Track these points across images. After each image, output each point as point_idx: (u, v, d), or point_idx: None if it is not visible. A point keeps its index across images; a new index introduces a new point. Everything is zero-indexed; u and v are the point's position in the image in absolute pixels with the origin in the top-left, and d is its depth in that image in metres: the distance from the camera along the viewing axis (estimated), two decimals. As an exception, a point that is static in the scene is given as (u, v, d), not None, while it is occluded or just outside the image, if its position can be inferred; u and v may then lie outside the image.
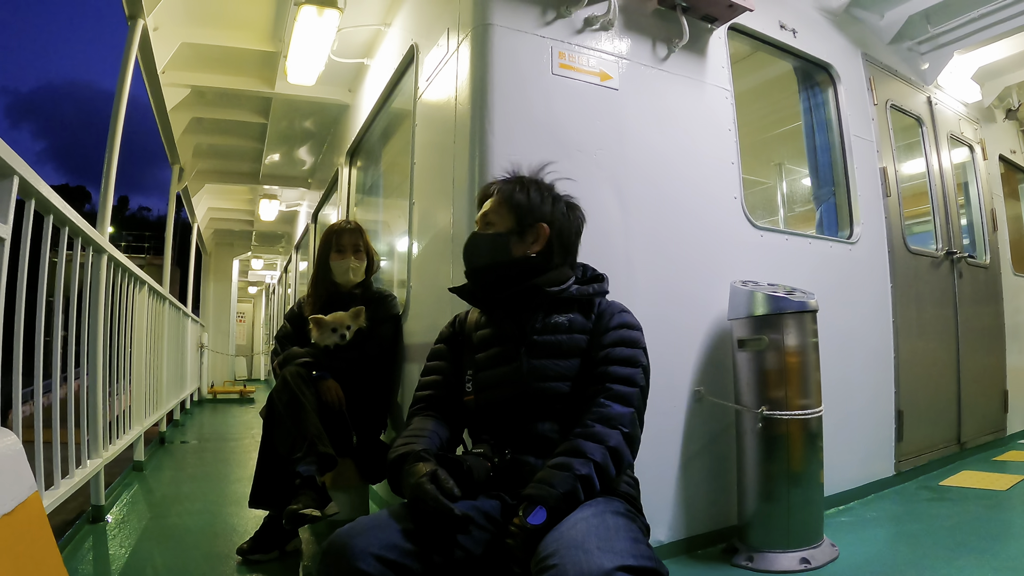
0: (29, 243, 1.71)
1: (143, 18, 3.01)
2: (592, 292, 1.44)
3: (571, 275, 1.47)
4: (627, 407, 1.27)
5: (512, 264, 1.42)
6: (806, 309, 2.03)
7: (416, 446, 1.28)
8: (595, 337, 1.38)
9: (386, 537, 1.08)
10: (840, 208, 2.88)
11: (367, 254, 2.45)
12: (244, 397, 8.88)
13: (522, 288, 1.40)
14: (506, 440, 1.36)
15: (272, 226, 8.66)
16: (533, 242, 1.44)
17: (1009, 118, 4.33)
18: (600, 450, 1.19)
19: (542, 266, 1.43)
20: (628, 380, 1.30)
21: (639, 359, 1.34)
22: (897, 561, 1.92)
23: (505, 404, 1.38)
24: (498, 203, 1.46)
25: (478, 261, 1.46)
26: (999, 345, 3.70)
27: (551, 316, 1.41)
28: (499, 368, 1.41)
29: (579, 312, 1.42)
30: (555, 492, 1.12)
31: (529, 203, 1.44)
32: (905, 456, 2.84)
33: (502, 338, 1.43)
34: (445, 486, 1.15)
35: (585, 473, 1.16)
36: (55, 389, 1.91)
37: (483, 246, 1.45)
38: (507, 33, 1.96)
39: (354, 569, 1.03)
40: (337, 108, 4.42)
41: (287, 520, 1.86)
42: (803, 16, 2.80)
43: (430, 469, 1.18)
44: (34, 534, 1.17)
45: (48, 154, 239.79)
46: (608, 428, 1.23)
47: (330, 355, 2.24)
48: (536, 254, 1.43)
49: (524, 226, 1.44)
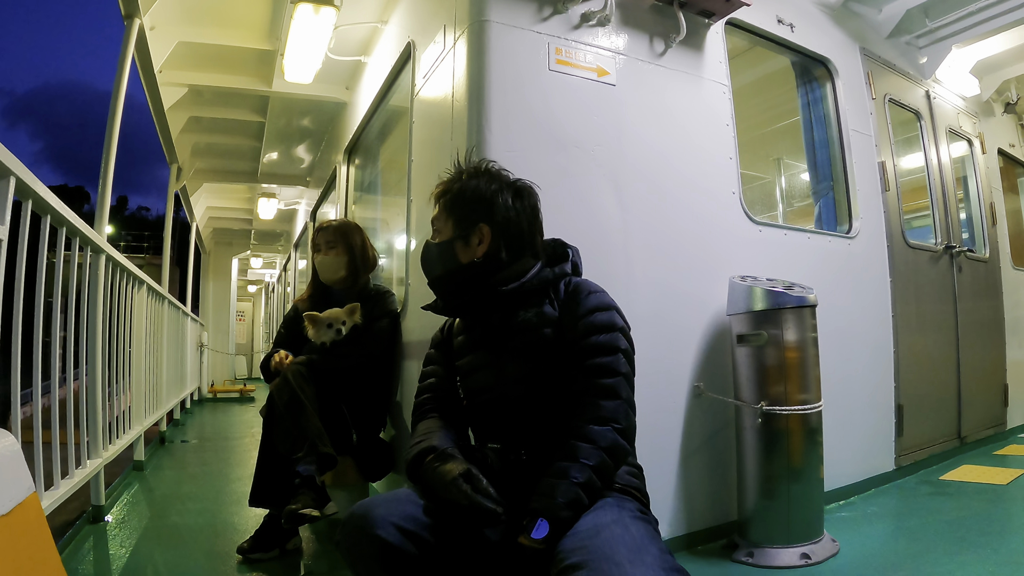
0: (27, 244, 1.70)
1: (139, 17, 3.00)
2: (552, 277, 1.38)
3: (534, 264, 1.40)
4: (614, 399, 1.24)
5: (461, 271, 1.38)
6: (805, 304, 2.02)
7: (434, 441, 1.27)
8: (567, 325, 1.32)
9: (406, 510, 1.14)
10: (839, 203, 2.87)
11: (348, 248, 2.43)
12: (244, 396, 8.88)
13: (478, 292, 1.37)
14: (511, 441, 1.36)
15: (271, 224, 8.65)
16: (478, 244, 1.39)
17: (1008, 112, 4.33)
18: (595, 452, 1.18)
19: (492, 267, 1.38)
20: (610, 370, 1.26)
21: (617, 343, 1.28)
22: (897, 556, 1.92)
23: (493, 408, 1.38)
24: (440, 210, 1.43)
25: (433, 270, 1.44)
26: (999, 339, 3.70)
27: (518, 314, 1.36)
28: (478, 374, 1.41)
29: (547, 302, 1.37)
30: (557, 502, 1.11)
31: (464, 207, 1.39)
32: (905, 451, 2.84)
33: (475, 344, 1.43)
34: (480, 485, 1.15)
35: (584, 480, 1.15)
36: (54, 390, 1.91)
37: (433, 255, 1.43)
38: (504, 29, 1.95)
39: (374, 536, 1.08)
40: (334, 106, 4.41)
41: (286, 520, 1.86)
42: (801, 10, 2.79)
43: (462, 469, 1.17)
44: (32, 535, 1.17)
45: (45, 155, 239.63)
46: (600, 426, 1.21)
47: (326, 352, 2.23)
48: (482, 256, 1.38)
49: (465, 231, 1.39)
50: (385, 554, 1.09)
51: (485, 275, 1.37)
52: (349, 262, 2.43)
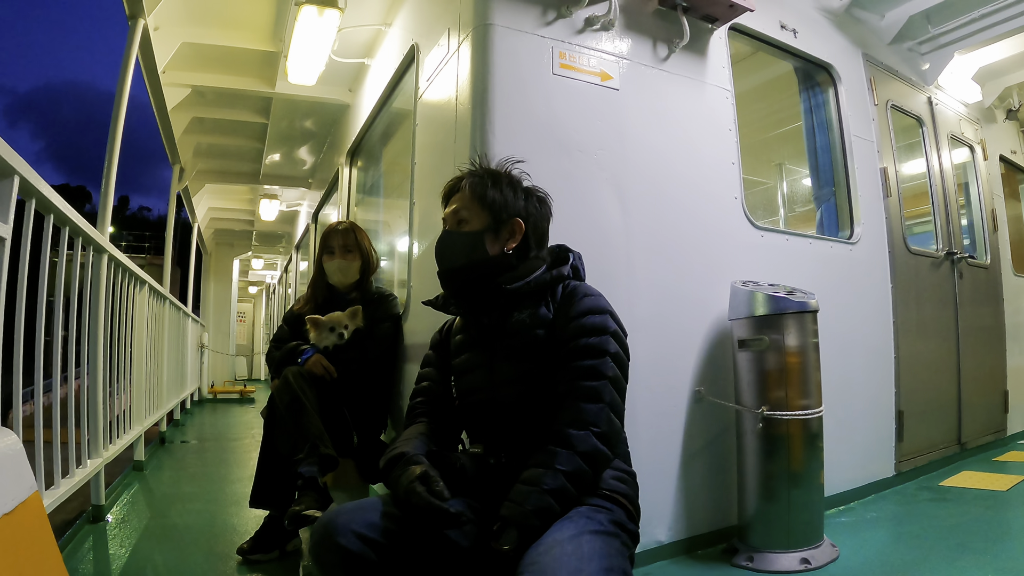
0: (30, 243, 1.71)
1: (144, 18, 3.02)
2: (550, 280, 1.37)
3: (540, 265, 1.40)
4: (596, 403, 1.21)
5: (488, 263, 1.36)
6: (806, 309, 2.03)
7: (406, 449, 1.28)
8: (559, 327, 1.31)
9: (368, 517, 1.15)
10: (840, 208, 2.88)
11: (361, 253, 2.42)
12: (244, 397, 8.89)
13: (484, 289, 1.36)
14: (497, 443, 1.36)
15: (272, 226, 8.66)
16: (508, 238, 1.38)
17: (1009, 118, 4.33)
18: (571, 457, 1.16)
19: (515, 263, 1.37)
20: (595, 373, 1.23)
21: (606, 346, 1.25)
22: (897, 561, 1.92)
23: (482, 409, 1.38)
24: (469, 199, 1.39)
25: (454, 261, 1.39)
26: (999, 345, 3.70)
27: (513, 315, 1.35)
28: (472, 374, 1.41)
29: (543, 304, 1.36)
30: (525, 510, 1.11)
31: (502, 198, 1.38)
32: (905, 456, 2.84)
33: (471, 343, 1.43)
34: (435, 488, 1.15)
35: (555, 486, 1.13)
36: (55, 389, 1.91)
37: (459, 245, 1.38)
38: (508, 33, 1.96)
39: (335, 544, 1.10)
40: (337, 108, 4.42)
41: (290, 521, 1.86)
42: (804, 16, 2.80)
43: (421, 471, 1.18)
44: (34, 534, 1.17)
45: (46, 154, 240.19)
46: (578, 430, 1.18)
47: (329, 356, 2.23)
48: (512, 250, 1.38)
49: (499, 223, 1.38)
50: (347, 562, 1.10)
51: (503, 271, 1.36)
52: (362, 265, 2.43)
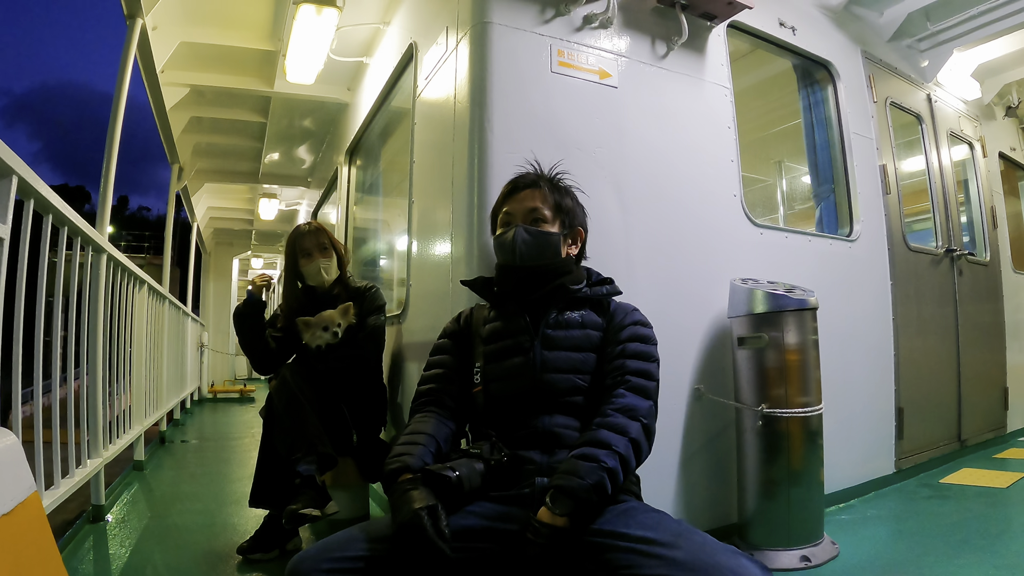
0: (28, 243, 1.70)
1: (142, 17, 3.01)
2: (605, 292, 1.50)
3: (584, 273, 1.54)
4: (646, 400, 1.31)
5: (559, 266, 1.47)
6: (806, 307, 2.02)
7: (410, 459, 1.25)
8: (609, 334, 1.42)
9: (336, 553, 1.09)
10: (840, 206, 2.88)
11: (335, 249, 2.39)
12: (244, 396, 8.88)
13: (552, 287, 1.45)
14: (512, 434, 1.36)
15: (272, 225, 8.65)
16: (571, 244, 1.52)
17: (1009, 115, 4.33)
18: (623, 441, 1.21)
19: (572, 269, 1.50)
20: (646, 374, 1.34)
21: (653, 355, 1.39)
22: (897, 559, 1.92)
23: (515, 395, 1.39)
24: (549, 200, 1.49)
25: (534, 259, 1.45)
26: (999, 342, 3.70)
27: (564, 313, 1.45)
28: (511, 359, 1.42)
29: (592, 310, 1.46)
30: (584, 483, 1.12)
31: (573, 207, 1.53)
32: (905, 454, 2.84)
33: (514, 331, 1.44)
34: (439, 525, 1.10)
35: (612, 465, 1.16)
36: (55, 389, 1.91)
37: (543, 243, 1.46)
38: (506, 31, 1.96)
39: None
40: (336, 107, 4.42)
41: (287, 520, 1.86)
42: (802, 13, 2.79)
43: (423, 504, 1.12)
44: (34, 534, 1.17)
45: (43, 155, 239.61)
46: (629, 419, 1.25)
47: (324, 354, 2.20)
48: (572, 256, 1.52)
49: (569, 228, 1.51)
50: None
51: (563, 274, 1.47)
52: (338, 261, 2.41)
